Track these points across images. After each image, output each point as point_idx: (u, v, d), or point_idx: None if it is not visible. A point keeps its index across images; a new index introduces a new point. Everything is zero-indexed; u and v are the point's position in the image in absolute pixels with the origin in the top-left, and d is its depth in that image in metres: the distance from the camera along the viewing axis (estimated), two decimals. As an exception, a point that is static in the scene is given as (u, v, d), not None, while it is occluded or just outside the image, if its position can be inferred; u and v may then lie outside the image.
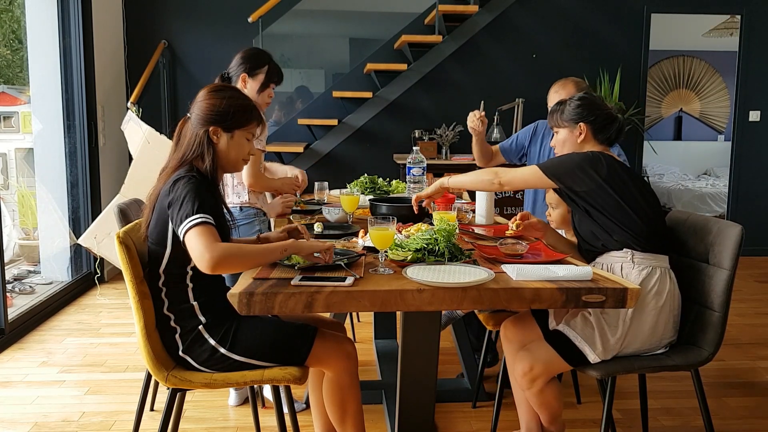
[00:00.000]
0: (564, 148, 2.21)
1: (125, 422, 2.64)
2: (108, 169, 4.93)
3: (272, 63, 2.73)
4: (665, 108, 8.41)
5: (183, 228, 1.73)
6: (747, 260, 5.11)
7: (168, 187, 1.82)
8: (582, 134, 2.15)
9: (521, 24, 5.54)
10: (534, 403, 2.09)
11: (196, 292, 1.88)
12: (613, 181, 2.01)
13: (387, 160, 5.35)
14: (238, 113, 1.91)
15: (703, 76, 8.36)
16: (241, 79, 2.68)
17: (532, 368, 2.00)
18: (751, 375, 3.21)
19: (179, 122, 1.96)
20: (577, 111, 2.16)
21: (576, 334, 1.97)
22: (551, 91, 2.91)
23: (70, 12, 4.51)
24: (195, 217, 1.72)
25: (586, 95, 2.21)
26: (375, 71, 5.26)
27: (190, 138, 1.90)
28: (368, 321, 3.86)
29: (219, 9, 5.39)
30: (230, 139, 1.92)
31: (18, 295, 4.15)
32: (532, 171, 2.11)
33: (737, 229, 1.99)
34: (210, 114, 1.89)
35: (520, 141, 3.09)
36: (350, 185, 3.19)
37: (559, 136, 2.22)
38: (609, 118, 2.16)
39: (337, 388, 1.95)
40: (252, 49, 2.80)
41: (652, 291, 1.97)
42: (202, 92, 1.94)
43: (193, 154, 1.89)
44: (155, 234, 1.85)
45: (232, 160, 1.94)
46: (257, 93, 2.70)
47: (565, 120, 2.19)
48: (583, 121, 2.15)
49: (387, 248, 1.87)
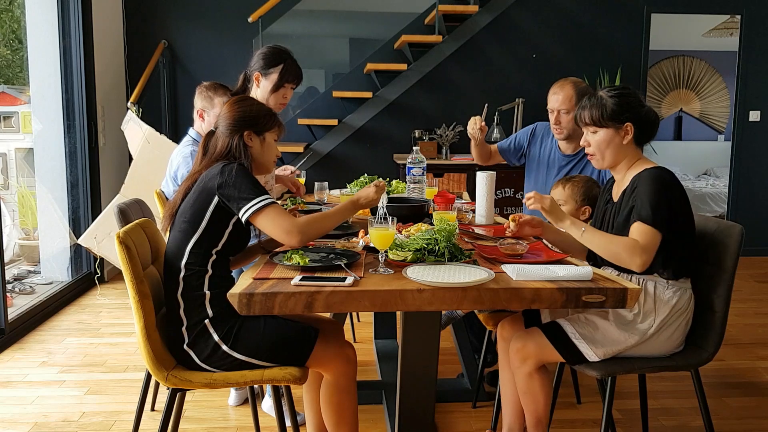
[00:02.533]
0: (607, 151, 2.01)
1: (125, 422, 2.64)
2: (108, 169, 4.93)
3: (289, 62, 2.58)
4: (665, 108, 8.41)
5: (251, 208, 1.84)
6: (747, 260, 5.11)
7: (216, 171, 1.89)
8: (628, 135, 1.98)
9: (521, 24, 5.54)
10: (521, 389, 2.07)
11: (212, 281, 1.89)
12: (681, 209, 1.91)
13: (387, 160, 5.35)
14: (265, 117, 2.04)
15: (703, 76, 8.36)
16: (255, 78, 2.58)
17: (525, 346, 2.02)
18: (751, 375, 3.21)
19: (203, 137, 2.07)
20: (623, 107, 1.96)
21: (574, 331, 1.96)
22: (550, 93, 2.87)
23: (70, 12, 4.51)
24: (262, 198, 1.85)
25: (625, 89, 2.00)
26: (375, 71, 5.26)
27: (223, 147, 1.99)
28: (368, 321, 3.86)
29: (219, 9, 5.39)
30: (262, 141, 2.03)
31: (18, 295, 4.15)
32: (647, 232, 1.87)
33: (737, 229, 1.98)
34: (241, 120, 2.00)
35: (519, 142, 3.08)
36: (350, 185, 3.19)
37: (599, 136, 2.01)
38: (650, 116, 1.99)
39: (335, 391, 1.95)
40: (271, 46, 2.64)
41: (680, 310, 1.97)
42: (225, 105, 2.06)
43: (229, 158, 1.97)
44: (191, 213, 1.90)
45: (265, 160, 2.05)
46: (269, 93, 2.57)
47: (608, 119, 1.98)
48: (630, 121, 1.97)
49: (387, 248, 1.87)
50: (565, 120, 2.78)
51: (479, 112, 3.06)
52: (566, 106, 2.76)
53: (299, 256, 1.87)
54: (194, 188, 1.93)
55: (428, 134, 5.26)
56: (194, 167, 2.03)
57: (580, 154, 2.82)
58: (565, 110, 2.77)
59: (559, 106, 2.78)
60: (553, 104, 2.80)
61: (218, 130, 2.02)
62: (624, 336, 1.93)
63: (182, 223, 1.92)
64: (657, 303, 1.95)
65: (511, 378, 2.17)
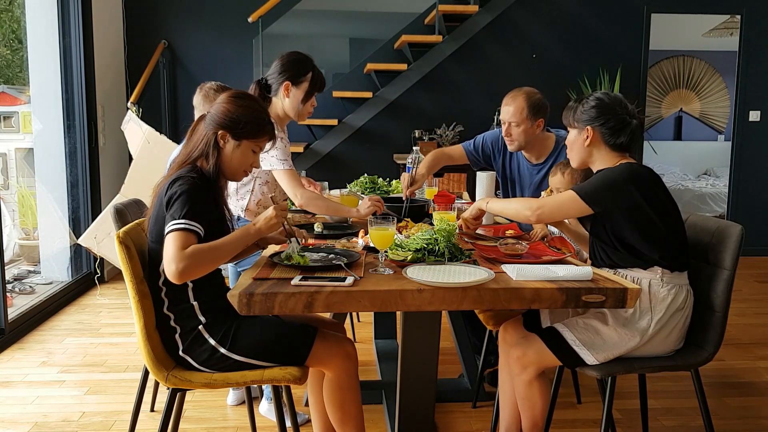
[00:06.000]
0: (572, 151, 2.12)
1: (125, 422, 2.64)
2: (108, 169, 4.93)
3: (316, 70, 2.54)
4: (665, 108, 8.41)
5: (166, 230, 1.73)
6: (747, 260, 5.11)
7: (167, 185, 1.82)
8: (588, 138, 2.05)
9: (521, 24, 5.54)
10: (519, 394, 2.08)
11: (196, 292, 1.87)
12: (650, 200, 1.94)
13: (387, 160, 5.35)
14: (250, 124, 1.91)
15: (703, 76, 8.36)
16: (284, 88, 2.50)
17: (525, 354, 2.02)
18: (751, 375, 3.21)
19: (195, 120, 1.98)
20: (588, 113, 2.05)
21: (574, 337, 1.96)
22: (502, 104, 2.75)
23: (70, 12, 4.51)
24: (181, 222, 1.72)
25: (603, 96, 2.08)
26: (375, 71, 5.26)
27: (200, 136, 1.92)
28: (368, 321, 3.85)
29: (219, 9, 5.39)
30: (236, 147, 1.91)
31: (18, 295, 4.15)
32: (569, 198, 1.99)
33: (737, 229, 1.98)
34: (223, 118, 1.90)
35: (485, 153, 2.96)
36: (350, 185, 3.19)
37: (570, 136, 2.14)
38: (621, 123, 2.03)
39: (337, 388, 1.95)
40: (294, 53, 2.56)
41: (678, 308, 1.97)
42: (223, 95, 1.96)
43: (198, 152, 1.91)
44: (155, 232, 1.85)
45: (233, 167, 1.94)
46: (301, 103, 2.51)
47: (576, 120, 2.09)
48: (591, 125, 2.05)
49: (387, 248, 1.87)
50: (515, 132, 2.70)
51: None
52: (516, 118, 2.67)
53: (299, 256, 1.87)
54: (156, 203, 1.85)
55: (428, 134, 5.27)
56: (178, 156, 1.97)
57: (549, 161, 2.77)
58: (515, 123, 2.68)
59: (509, 119, 2.69)
60: (504, 116, 2.72)
61: (206, 117, 1.94)
62: (624, 337, 1.93)
63: (151, 243, 1.88)
64: (653, 301, 1.95)
65: (510, 381, 2.18)
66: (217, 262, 1.77)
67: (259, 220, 1.85)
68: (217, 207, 1.92)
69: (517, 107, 2.67)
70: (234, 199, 2.60)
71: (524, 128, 2.69)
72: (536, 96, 2.71)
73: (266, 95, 2.57)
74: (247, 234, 1.83)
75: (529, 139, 2.71)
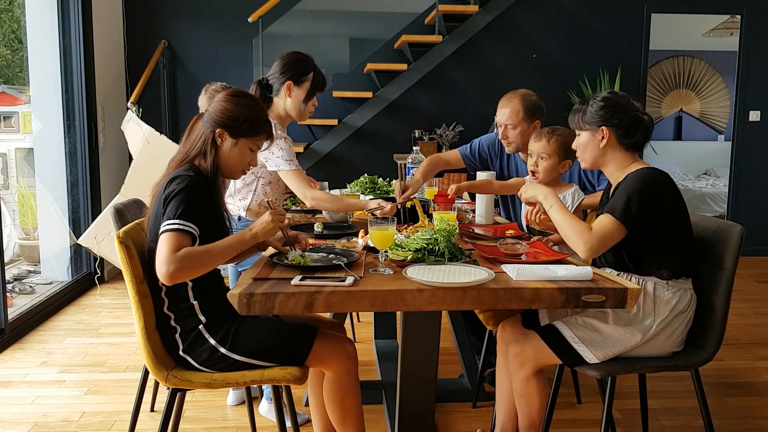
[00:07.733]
0: (586, 153, 2.07)
1: (125, 422, 2.64)
2: (108, 169, 4.93)
3: (317, 69, 2.54)
4: (665, 108, 8.41)
5: (160, 230, 1.73)
6: (747, 260, 5.11)
7: (165, 184, 1.83)
8: (605, 139, 2.01)
9: (521, 24, 5.54)
10: (517, 391, 2.07)
11: (195, 292, 1.88)
12: (670, 209, 1.92)
13: (387, 160, 5.35)
14: (248, 122, 1.92)
15: (703, 76, 8.36)
16: (286, 87, 2.51)
17: (524, 351, 2.02)
18: (751, 375, 3.21)
19: (194, 117, 1.98)
20: (599, 113, 2.01)
21: (573, 335, 1.96)
22: (498, 106, 2.76)
23: (70, 12, 4.51)
24: (175, 222, 1.72)
25: (611, 95, 2.05)
26: (375, 71, 5.27)
27: (197, 134, 1.93)
28: (368, 321, 3.86)
29: (219, 9, 5.39)
30: (234, 145, 1.92)
31: (18, 295, 4.15)
32: (608, 223, 1.90)
33: (737, 229, 1.98)
34: (221, 116, 1.90)
35: (482, 156, 2.98)
36: (350, 185, 3.19)
37: (581, 139, 2.08)
38: (634, 121, 2.00)
39: (338, 388, 1.94)
40: (295, 53, 2.57)
41: (681, 311, 1.97)
42: (222, 93, 1.96)
43: (196, 150, 1.92)
44: (154, 231, 1.84)
45: (231, 166, 1.95)
46: (303, 103, 2.51)
47: (586, 122, 2.04)
48: (606, 125, 2.01)
49: (387, 248, 1.87)
50: (512, 135, 2.72)
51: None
52: (513, 120, 2.69)
53: (299, 255, 1.87)
54: (154, 203, 1.86)
55: (428, 134, 5.27)
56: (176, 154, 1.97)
57: None
58: (512, 125, 2.70)
59: (505, 121, 2.71)
60: (500, 118, 2.73)
61: (204, 115, 1.94)
62: (625, 336, 1.93)
63: (150, 242, 1.87)
64: (656, 303, 1.95)
65: (508, 379, 2.18)
66: (209, 265, 1.78)
67: (255, 225, 1.86)
68: (215, 206, 1.92)
69: (513, 109, 2.69)
70: (236, 199, 2.59)
71: (521, 130, 2.70)
72: (532, 98, 2.73)
73: (267, 95, 2.57)
74: (242, 239, 1.83)
75: (526, 141, 2.71)
